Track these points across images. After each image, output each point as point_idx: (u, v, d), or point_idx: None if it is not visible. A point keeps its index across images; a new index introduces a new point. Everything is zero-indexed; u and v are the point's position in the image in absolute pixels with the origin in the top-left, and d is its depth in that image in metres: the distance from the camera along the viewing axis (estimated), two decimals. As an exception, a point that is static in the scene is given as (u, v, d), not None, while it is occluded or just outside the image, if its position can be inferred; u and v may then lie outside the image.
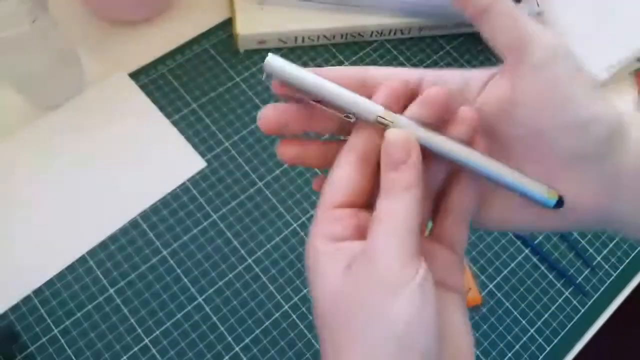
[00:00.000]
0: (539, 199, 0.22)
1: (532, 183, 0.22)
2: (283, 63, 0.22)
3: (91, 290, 0.43)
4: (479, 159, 0.22)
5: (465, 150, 0.22)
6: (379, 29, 0.56)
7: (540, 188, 0.22)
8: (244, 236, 0.46)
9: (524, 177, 0.22)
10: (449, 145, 0.22)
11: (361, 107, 0.22)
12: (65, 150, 0.48)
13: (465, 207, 0.23)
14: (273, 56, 0.22)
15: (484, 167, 0.22)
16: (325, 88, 0.22)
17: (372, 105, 0.22)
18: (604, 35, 0.56)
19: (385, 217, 0.21)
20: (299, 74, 0.22)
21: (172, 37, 0.55)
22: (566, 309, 0.46)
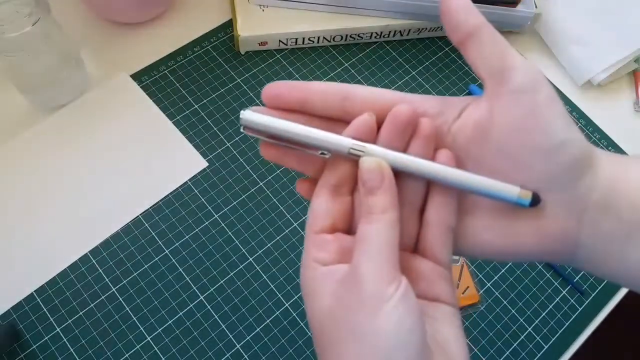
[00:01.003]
0: (512, 199, 0.23)
1: (503, 185, 0.23)
2: (257, 117, 0.24)
3: (93, 288, 0.44)
4: (446, 171, 0.23)
5: (433, 166, 0.23)
6: (378, 31, 0.56)
7: (512, 188, 0.23)
8: (245, 235, 0.47)
9: (494, 181, 0.23)
10: (417, 164, 0.23)
11: (333, 143, 0.23)
12: (67, 151, 0.49)
13: (444, 218, 0.24)
14: (247, 112, 0.24)
15: (453, 177, 0.23)
16: (298, 132, 0.23)
17: (343, 140, 0.23)
18: (602, 36, 0.56)
19: (365, 240, 0.22)
20: (272, 124, 0.24)
21: (173, 39, 0.55)
22: (564, 307, 0.47)
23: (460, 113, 0.25)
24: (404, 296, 0.21)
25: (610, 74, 0.56)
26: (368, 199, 0.23)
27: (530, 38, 0.60)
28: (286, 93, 0.24)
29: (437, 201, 0.24)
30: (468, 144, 0.24)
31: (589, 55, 0.56)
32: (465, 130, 0.24)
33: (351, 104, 0.24)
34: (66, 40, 0.47)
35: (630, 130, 0.56)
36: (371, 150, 0.23)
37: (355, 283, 0.21)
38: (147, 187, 0.48)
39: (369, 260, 0.22)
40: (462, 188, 0.23)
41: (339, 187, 0.24)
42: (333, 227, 0.24)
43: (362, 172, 0.23)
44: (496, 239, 0.24)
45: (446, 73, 0.57)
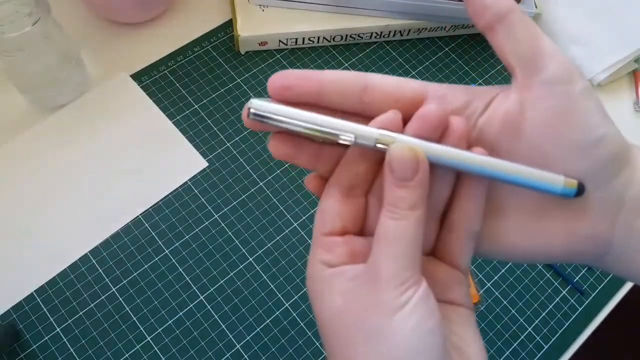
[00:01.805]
0: (557, 190, 0.21)
1: (547, 174, 0.21)
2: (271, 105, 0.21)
3: (93, 288, 0.44)
4: (489, 161, 0.21)
5: (472, 156, 0.21)
6: (378, 31, 0.56)
7: (557, 177, 0.21)
8: (245, 235, 0.47)
9: (536, 170, 0.21)
10: (454, 153, 0.21)
11: (357, 131, 0.21)
12: (67, 151, 0.49)
13: (469, 223, 0.23)
14: (257, 100, 0.21)
15: (496, 168, 0.21)
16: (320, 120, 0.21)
17: (368, 129, 0.21)
18: (602, 36, 0.56)
19: (388, 237, 0.20)
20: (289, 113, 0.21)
21: (173, 39, 0.55)
22: (564, 307, 0.47)
23: (487, 105, 0.23)
24: (424, 299, 0.20)
25: (610, 74, 0.56)
26: (396, 191, 0.20)
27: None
28: (297, 84, 0.21)
29: (464, 204, 0.22)
30: (496, 138, 0.22)
31: (589, 55, 0.56)
32: (494, 124, 0.22)
33: (370, 96, 0.22)
34: (66, 40, 0.47)
35: (631, 130, 0.56)
36: (402, 140, 0.21)
37: (372, 283, 0.20)
38: (147, 187, 0.48)
39: (391, 261, 0.20)
40: (503, 179, 0.21)
41: (352, 188, 0.22)
42: (343, 229, 0.22)
43: (393, 159, 0.20)
44: (523, 240, 0.23)
45: (446, 73, 0.57)
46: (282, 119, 0.21)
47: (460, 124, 0.22)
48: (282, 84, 0.21)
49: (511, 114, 0.22)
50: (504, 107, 0.22)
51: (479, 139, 0.22)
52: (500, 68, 0.58)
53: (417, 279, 0.20)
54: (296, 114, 0.21)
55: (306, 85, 0.21)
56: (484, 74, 0.57)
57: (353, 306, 0.20)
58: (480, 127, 0.22)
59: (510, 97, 0.22)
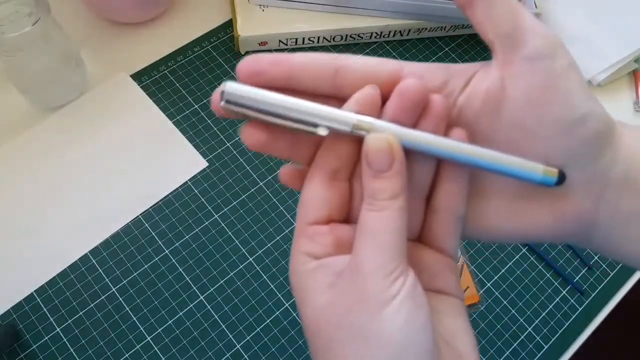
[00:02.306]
0: (537, 178, 0.20)
1: (526, 162, 0.20)
2: (246, 89, 0.20)
3: (93, 288, 0.44)
4: (466, 149, 0.21)
5: (451, 144, 0.21)
6: (378, 31, 0.56)
7: (536, 166, 0.20)
8: (245, 235, 0.47)
9: (516, 158, 0.21)
10: (432, 141, 0.20)
11: (334, 118, 0.20)
12: (67, 151, 0.49)
13: (453, 206, 0.22)
14: (231, 83, 0.20)
15: (473, 156, 0.21)
16: (295, 106, 0.20)
17: (345, 115, 0.20)
18: (602, 36, 0.56)
19: (370, 230, 0.20)
20: (261, 96, 0.20)
21: (173, 39, 0.55)
22: (564, 307, 0.46)
23: (467, 83, 0.22)
24: (412, 291, 0.19)
25: (611, 74, 0.56)
26: (374, 182, 0.20)
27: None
28: (268, 69, 0.20)
29: (447, 187, 0.22)
30: (477, 117, 0.21)
31: (589, 55, 0.56)
32: (474, 102, 0.21)
33: (344, 78, 0.21)
34: (66, 40, 0.47)
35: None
36: (379, 126, 0.20)
37: (357, 278, 0.19)
38: (147, 187, 0.48)
39: (374, 253, 0.19)
40: (481, 167, 0.21)
41: (336, 172, 0.21)
42: (329, 217, 0.21)
43: (369, 151, 0.20)
44: (507, 222, 0.22)
45: (446, 73, 0.57)
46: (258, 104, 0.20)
47: (440, 101, 0.21)
48: (253, 69, 0.21)
49: (492, 91, 0.21)
50: (484, 84, 0.21)
51: (459, 118, 0.22)
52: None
53: (403, 269, 0.19)
54: (273, 99, 0.20)
55: (277, 70, 0.21)
56: (484, 74, 0.57)
57: (338, 303, 0.20)
58: (461, 106, 0.22)
59: (491, 74, 0.21)
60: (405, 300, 0.19)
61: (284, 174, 0.23)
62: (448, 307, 0.22)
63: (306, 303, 0.20)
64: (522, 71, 0.20)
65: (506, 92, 0.21)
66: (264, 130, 0.21)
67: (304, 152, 0.22)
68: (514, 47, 0.20)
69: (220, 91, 0.20)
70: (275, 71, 0.21)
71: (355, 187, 0.22)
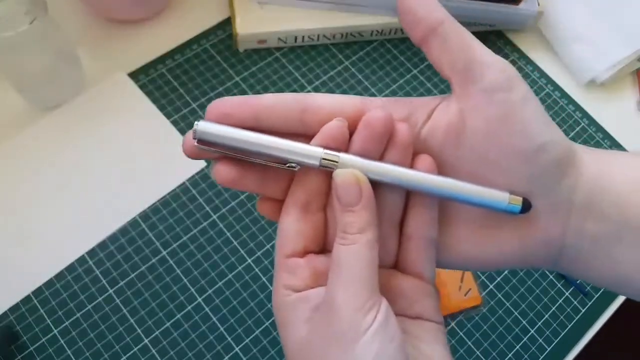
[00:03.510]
0: (501, 207, 0.21)
1: (492, 191, 0.21)
2: (216, 127, 0.21)
3: (90, 290, 0.43)
4: (431, 180, 0.21)
5: (416, 175, 0.21)
6: (379, 28, 0.56)
7: (501, 195, 0.21)
8: (243, 236, 0.46)
9: (482, 187, 0.21)
10: (399, 173, 0.21)
11: (302, 153, 0.21)
12: (64, 151, 0.48)
13: (425, 231, 0.22)
14: (203, 122, 0.21)
15: (439, 186, 0.21)
16: (264, 142, 0.21)
17: (312, 150, 0.21)
18: (605, 34, 0.56)
19: (342, 264, 0.20)
20: (232, 134, 0.21)
21: (171, 37, 0.55)
22: (566, 309, 0.46)
23: (429, 115, 0.22)
24: (383, 324, 0.19)
25: (614, 73, 0.56)
26: (344, 216, 0.21)
27: (533, 36, 0.59)
28: (236, 111, 0.21)
29: (417, 213, 0.22)
30: (441, 148, 0.22)
31: (592, 54, 0.56)
32: (437, 134, 0.22)
33: (311, 116, 0.22)
34: (63, 38, 0.47)
35: (633, 130, 0.56)
36: (346, 160, 0.21)
37: (331, 312, 0.20)
38: (144, 187, 0.47)
39: (345, 288, 0.20)
40: (448, 197, 0.21)
41: (310, 204, 0.22)
42: (305, 249, 0.22)
43: (337, 186, 0.21)
44: (477, 249, 0.23)
45: (447, 71, 0.56)
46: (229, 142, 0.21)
47: (405, 130, 0.21)
48: (220, 112, 0.21)
49: (453, 123, 0.22)
50: (446, 117, 0.22)
51: (423, 150, 0.22)
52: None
53: (375, 302, 0.20)
54: (243, 136, 0.21)
55: (244, 111, 0.21)
56: (485, 72, 0.57)
57: (315, 337, 0.20)
58: (424, 138, 0.22)
59: (451, 106, 0.22)
60: (377, 332, 0.19)
61: (260, 207, 0.24)
62: (426, 333, 0.22)
63: (287, 335, 0.21)
64: (480, 104, 0.21)
65: (466, 124, 0.21)
66: (234, 167, 0.21)
67: (275, 187, 0.23)
68: (471, 80, 0.21)
69: (192, 130, 0.21)
70: (241, 113, 0.21)
71: (329, 216, 0.23)
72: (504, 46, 0.59)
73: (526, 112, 0.21)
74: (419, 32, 0.22)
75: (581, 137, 0.55)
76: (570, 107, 0.56)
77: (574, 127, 0.55)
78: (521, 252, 0.22)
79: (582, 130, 0.55)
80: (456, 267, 0.24)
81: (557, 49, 0.59)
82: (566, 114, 0.56)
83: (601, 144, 0.54)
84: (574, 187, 0.22)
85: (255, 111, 0.21)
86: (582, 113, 0.56)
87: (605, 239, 0.22)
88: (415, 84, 0.55)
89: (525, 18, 0.57)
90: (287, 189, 0.23)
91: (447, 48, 0.21)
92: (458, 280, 0.46)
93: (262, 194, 0.23)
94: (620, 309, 0.47)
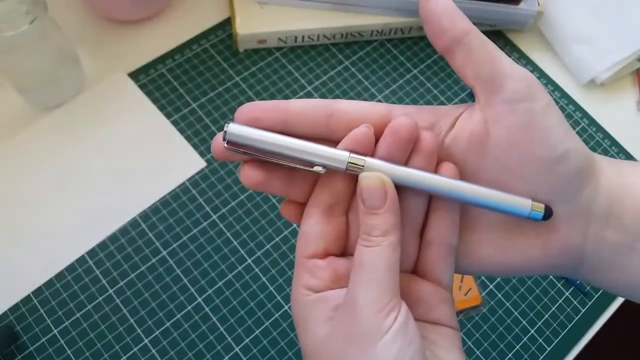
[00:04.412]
0: (524, 214, 0.21)
1: (515, 198, 0.21)
2: (245, 130, 0.21)
3: (90, 290, 0.43)
4: (456, 185, 0.21)
5: (442, 180, 0.21)
6: (379, 29, 0.56)
7: (524, 201, 0.21)
8: (243, 236, 0.46)
9: (505, 194, 0.21)
10: (424, 178, 0.21)
11: (329, 157, 0.21)
12: (64, 151, 0.48)
13: (446, 237, 0.23)
14: (233, 125, 0.21)
15: (463, 192, 0.21)
16: (293, 145, 0.21)
17: (340, 153, 0.21)
18: (605, 35, 0.56)
19: (364, 265, 0.20)
20: (261, 137, 0.21)
21: (171, 37, 0.55)
22: (566, 309, 0.46)
23: (452, 124, 0.23)
24: (403, 326, 0.20)
25: (613, 73, 0.55)
26: (368, 219, 0.21)
27: (533, 37, 0.59)
28: (265, 115, 0.22)
29: (439, 218, 0.23)
30: (464, 156, 0.23)
31: (592, 54, 0.56)
32: (460, 142, 0.22)
33: (337, 122, 0.22)
34: (63, 38, 0.47)
35: (633, 130, 0.56)
36: (372, 164, 0.21)
37: (352, 313, 0.20)
38: (144, 187, 0.47)
39: (368, 289, 0.20)
40: (473, 203, 0.22)
41: (333, 207, 0.22)
42: (326, 251, 0.22)
43: (363, 189, 0.21)
44: (498, 255, 0.23)
45: (448, 71, 0.56)
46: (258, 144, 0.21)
47: (430, 137, 0.22)
48: (250, 116, 0.22)
49: (476, 132, 0.22)
50: (469, 126, 0.22)
51: (446, 158, 0.23)
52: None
53: (395, 304, 0.20)
54: (272, 139, 0.21)
55: (273, 116, 0.22)
56: (485, 72, 0.57)
57: (336, 335, 0.20)
58: (447, 146, 0.23)
59: (475, 115, 0.22)
60: (397, 333, 0.19)
61: (283, 210, 0.24)
62: (443, 338, 0.22)
63: (306, 334, 0.21)
64: (503, 113, 0.21)
65: (489, 133, 0.22)
66: (261, 169, 0.22)
67: (300, 190, 0.23)
68: (494, 90, 0.21)
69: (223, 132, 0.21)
70: (271, 117, 0.22)
71: (351, 220, 0.23)
72: (504, 46, 0.59)
73: (548, 121, 0.21)
74: (443, 41, 0.22)
75: (581, 137, 0.55)
76: (570, 107, 0.56)
77: (574, 127, 0.55)
78: (544, 258, 0.23)
79: (582, 130, 0.55)
80: (475, 272, 0.24)
81: (557, 49, 0.59)
82: (566, 114, 0.56)
83: (601, 144, 0.54)
84: (594, 196, 0.22)
85: (285, 116, 0.22)
86: (582, 113, 0.56)
87: (624, 248, 0.22)
88: (415, 84, 0.55)
89: (525, 18, 0.57)
90: (311, 193, 0.23)
91: (471, 58, 0.22)
92: (458, 280, 0.46)
93: (286, 196, 0.23)
94: (620, 309, 0.47)
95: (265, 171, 0.22)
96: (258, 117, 0.22)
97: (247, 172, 0.22)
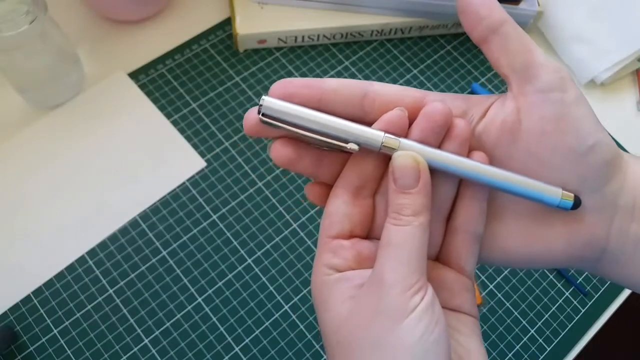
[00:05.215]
0: (554, 202, 0.21)
1: (546, 186, 0.21)
2: (281, 104, 0.21)
3: (90, 290, 0.43)
4: (492, 171, 0.22)
5: (475, 165, 0.22)
6: (379, 29, 0.56)
7: (555, 190, 0.21)
8: (243, 236, 0.46)
9: (536, 182, 0.22)
10: (458, 161, 0.21)
11: (365, 135, 0.21)
12: (64, 151, 0.48)
13: (472, 226, 0.23)
14: (269, 98, 0.21)
15: (498, 177, 0.22)
16: (329, 122, 0.21)
17: (375, 133, 0.21)
18: (605, 34, 0.56)
19: (393, 244, 0.20)
20: (297, 112, 0.21)
21: (171, 37, 0.55)
22: (567, 309, 0.46)
23: (484, 112, 0.23)
24: (429, 306, 0.20)
25: (613, 73, 0.55)
26: (399, 198, 0.21)
27: (533, 36, 0.59)
28: (299, 92, 0.22)
29: (467, 205, 0.23)
30: (494, 145, 0.23)
31: (592, 54, 0.56)
32: (491, 131, 0.23)
33: (371, 102, 0.22)
34: (63, 38, 0.47)
35: (633, 130, 0.55)
36: (406, 145, 0.21)
37: (378, 291, 0.20)
38: (144, 187, 0.47)
39: (396, 267, 0.20)
40: (504, 189, 0.22)
41: (361, 189, 0.22)
42: (351, 232, 0.22)
43: (396, 167, 0.21)
44: (523, 245, 0.23)
45: (448, 72, 0.56)
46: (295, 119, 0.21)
47: (464, 125, 0.22)
48: (285, 92, 0.21)
49: (508, 121, 0.22)
50: (501, 114, 0.22)
51: (477, 146, 0.23)
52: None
53: (422, 284, 0.20)
54: (309, 114, 0.21)
55: (308, 93, 0.22)
56: (486, 72, 0.57)
57: (359, 314, 0.20)
58: (478, 134, 0.23)
59: (507, 105, 0.22)
60: (424, 313, 0.19)
61: (308, 191, 0.24)
62: (464, 325, 0.22)
63: (327, 313, 0.21)
64: (536, 103, 0.22)
65: (521, 122, 0.22)
66: (292, 147, 0.22)
67: (328, 170, 0.23)
68: (528, 80, 0.22)
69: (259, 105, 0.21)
70: (306, 94, 0.22)
71: (378, 204, 0.23)
72: (504, 46, 0.59)
73: (579, 112, 0.21)
74: (480, 30, 0.22)
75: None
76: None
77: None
78: (568, 249, 0.23)
79: (582, 130, 0.55)
80: (498, 262, 0.24)
81: (557, 49, 0.59)
82: (566, 114, 0.56)
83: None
84: (619, 190, 0.22)
85: (320, 93, 0.22)
86: (582, 113, 0.56)
87: None
88: (415, 84, 0.55)
89: (525, 18, 0.57)
90: (338, 176, 0.23)
91: (507, 48, 0.22)
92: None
93: (314, 176, 0.23)
94: (620, 309, 0.47)
95: (297, 148, 0.22)
96: (293, 93, 0.21)
97: (279, 148, 0.22)
